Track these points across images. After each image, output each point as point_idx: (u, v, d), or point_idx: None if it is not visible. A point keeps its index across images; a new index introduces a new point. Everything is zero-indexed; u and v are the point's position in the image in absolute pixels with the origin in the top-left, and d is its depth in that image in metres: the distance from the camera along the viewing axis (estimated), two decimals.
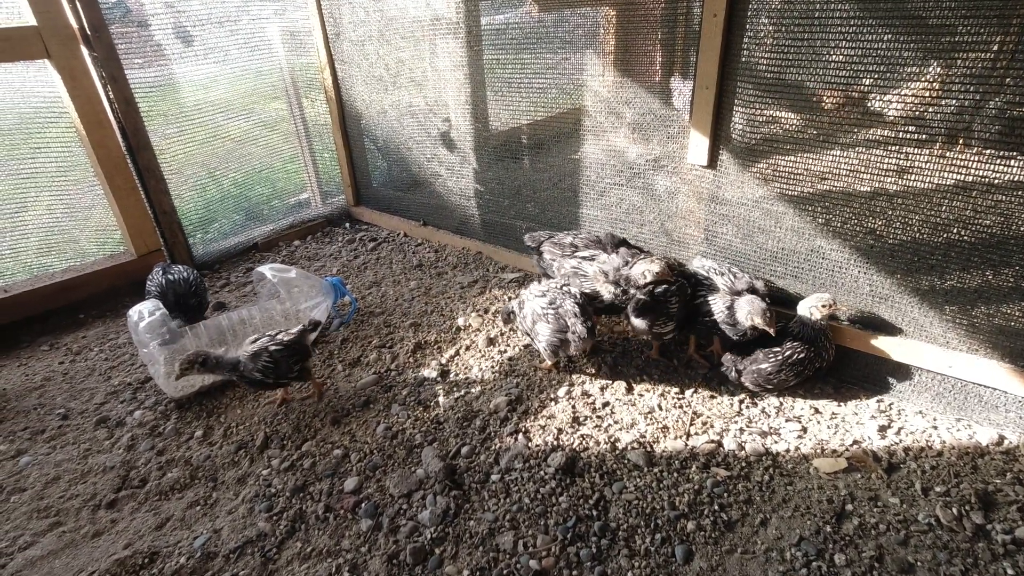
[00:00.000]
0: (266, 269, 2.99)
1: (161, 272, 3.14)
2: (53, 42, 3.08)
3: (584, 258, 2.77)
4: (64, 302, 3.46)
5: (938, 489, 1.99)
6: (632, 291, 2.54)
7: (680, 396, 2.52)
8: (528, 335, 2.67)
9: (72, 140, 3.36)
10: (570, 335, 2.46)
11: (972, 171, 2.03)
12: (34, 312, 3.37)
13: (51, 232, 3.50)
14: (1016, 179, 1.97)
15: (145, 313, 2.64)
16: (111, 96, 3.31)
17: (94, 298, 3.57)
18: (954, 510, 1.90)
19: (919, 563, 1.76)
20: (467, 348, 2.94)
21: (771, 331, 2.29)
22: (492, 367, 2.78)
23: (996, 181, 2.00)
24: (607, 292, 2.63)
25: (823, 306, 2.30)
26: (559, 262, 2.86)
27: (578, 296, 2.56)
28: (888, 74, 2.10)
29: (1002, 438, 2.18)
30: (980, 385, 2.22)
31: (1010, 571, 1.72)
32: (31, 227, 3.44)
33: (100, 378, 2.95)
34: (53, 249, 3.54)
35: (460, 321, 3.15)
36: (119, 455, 2.41)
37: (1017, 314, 2.10)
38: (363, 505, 2.07)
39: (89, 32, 3.15)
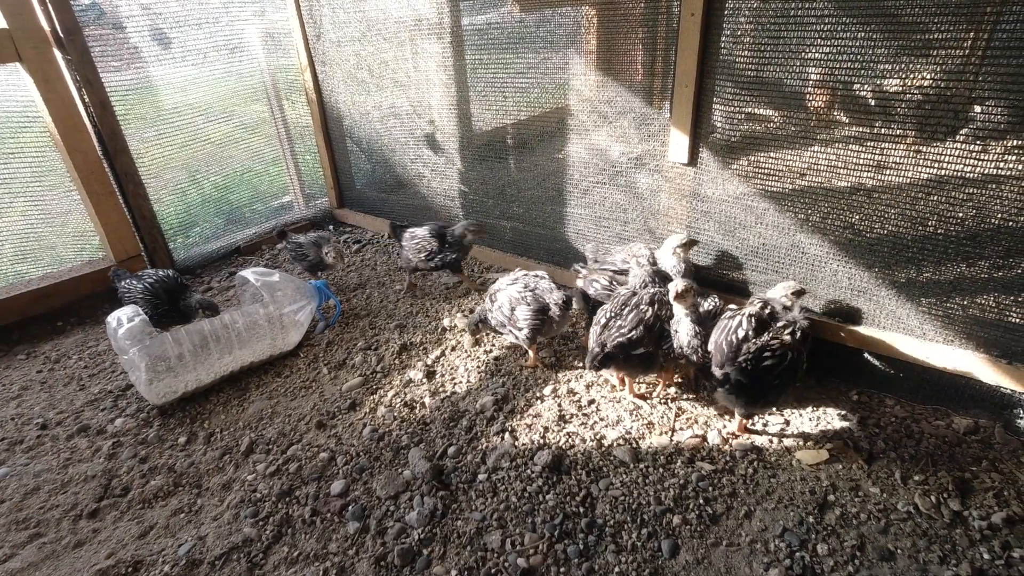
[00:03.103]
0: (249, 273, 2.96)
1: (136, 279, 2.97)
2: (25, 45, 3.01)
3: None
4: (41, 310, 3.39)
5: (917, 478, 2.03)
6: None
7: (666, 392, 2.53)
8: (505, 326, 2.67)
9: (47, 145, 3.30)
10: (552, 306, 2.56)
11: (947, 166, 2.07)
12: (10, 320, 3.31)
13: (26, 239, 3.43)
14: (989, 172, 2.01)
15: (124, 319, 2.59)
16: (86, 100, 3.26)
17: (72, 305, 3.51)
18: (932, 498, 1.94)
19: (899, 550, 1.79)
20: (453, 349, 2.94)
21: None
22: (478, 367, 2.78)
23: (969, 175, 2.05)
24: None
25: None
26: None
27: (548, 279, 2.70)
28: (864, 71, 2.14)
29: (978, 426, 2.23)
30: (956, 375, 2.27)
31: (986, 556, 1.76)
32: (5, 234, 3.37)
33: (79, 386, 2.90)
34: (29, 256, 3.47)
35: (446, 322, 3.15)
36: (100, 464, 2.37)
37: (991, 305, 2.15)
38: (350, 508, 2.06)
39: (62, 35, 3.09)
